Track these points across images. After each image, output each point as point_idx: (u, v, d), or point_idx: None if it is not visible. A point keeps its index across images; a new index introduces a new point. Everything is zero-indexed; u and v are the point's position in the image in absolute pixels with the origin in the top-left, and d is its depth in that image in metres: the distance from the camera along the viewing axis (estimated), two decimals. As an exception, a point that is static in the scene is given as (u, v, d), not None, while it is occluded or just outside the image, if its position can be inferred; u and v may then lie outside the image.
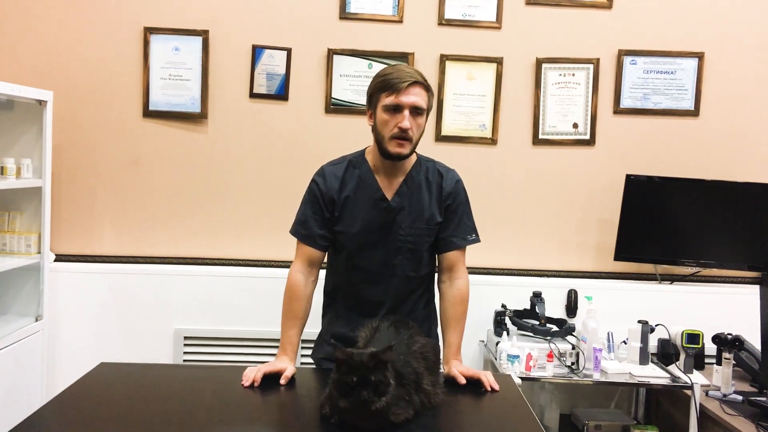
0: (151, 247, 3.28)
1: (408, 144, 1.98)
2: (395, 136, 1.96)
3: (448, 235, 2.12)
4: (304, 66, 3.25)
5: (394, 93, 1.94)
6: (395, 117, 1.95)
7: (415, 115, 1.97)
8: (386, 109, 1.96)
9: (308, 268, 2.10)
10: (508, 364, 2.75)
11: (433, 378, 1.75)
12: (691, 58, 3.29)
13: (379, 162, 2.07)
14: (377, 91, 1.99)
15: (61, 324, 3.19)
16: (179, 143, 3.25)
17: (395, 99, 1.94)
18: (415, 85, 1.96)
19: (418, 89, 1.97)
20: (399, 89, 1.94)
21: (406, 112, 1.95)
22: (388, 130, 1.97)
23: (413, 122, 1.96)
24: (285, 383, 1.88)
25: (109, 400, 1.73)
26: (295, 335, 2.05)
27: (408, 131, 1.95)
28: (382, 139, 1.99)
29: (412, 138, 1.98)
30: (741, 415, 2.55)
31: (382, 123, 1.98)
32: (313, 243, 2.09)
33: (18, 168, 2.89)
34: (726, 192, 3.21)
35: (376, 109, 2.00)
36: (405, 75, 1.97)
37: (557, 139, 3.32)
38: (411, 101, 1.95)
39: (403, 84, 1.94)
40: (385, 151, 2.00)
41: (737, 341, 2.76)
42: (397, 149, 1.98)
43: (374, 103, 2.01)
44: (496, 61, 3.27)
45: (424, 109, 1.99)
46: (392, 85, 1.95)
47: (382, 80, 1.98)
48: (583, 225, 3.36)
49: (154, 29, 3.19)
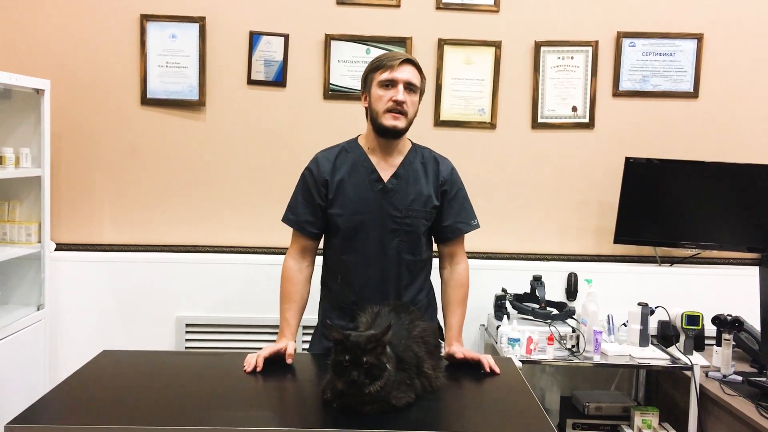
0: (152, 234, 3.28)
1: (403, 118, 2.02)
2: (390, 109, 2.00)
3: (452, 222, 2.15)
4: (302, 52, 3.24)
5: (388, 69, 2.01)
6: (389, 91, 2.01)
7: (409, 92, 2.02)
8: (381, 84, 2.02)
9: (301, 254, 2.14)
10: (508, 348, 2.76)
11: (434, 362, 1.76)
12: (690, 40, 3.28)
13: (373, 143, 2.10)
14: (371, 71, 2.06)
15: (63, 313, 3.20)
16: (178, 131, 3.25)
17: (390, 74, 2.00)
18: (407, 63, 2.04)
19: (411, 68, 2.04)
20: (393, 66, 2.01)
21: (400, 86, 2.00)
22: (383, 104, 2.01)
23: (407, 97, 2.01)
24: (291, 362, 1.90)
25: (112, 388, 1.74)
26: (293, 317, 2.08)
27: (403, 104, 2.00)
28: (377, 115, 2.03)
29: (407, 112, 2.02)
30: (741, 395, 2.57)
31: (377, 99, 2.02)
32: (302, 229, 2.12)
33: (17, 157, 2.89)
34: (725, 173, 3.21)
35: (371, 88, 2.05)
36: (398, 54, 2.06)
37: (556, 122, 3.31)
38: (405, 77, 2.01)
39: (396, 61, 2.01)
40: (381, 126, 2.03)
41: (737, 322, 2.77)
42: (393, 122, 2.01)
43: (369, 83, 2.07)
44: (494, 45, 3.26)
45: (417, 86, 2.05)
46: (386, 63, 2.02)
47: (377, 61, 2.06)
48: (582, 208, 3.36)
49: (151, 16, 3.17)
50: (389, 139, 2.06)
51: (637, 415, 2.95)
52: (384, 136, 2.05)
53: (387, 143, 2.08)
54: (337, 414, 1.56)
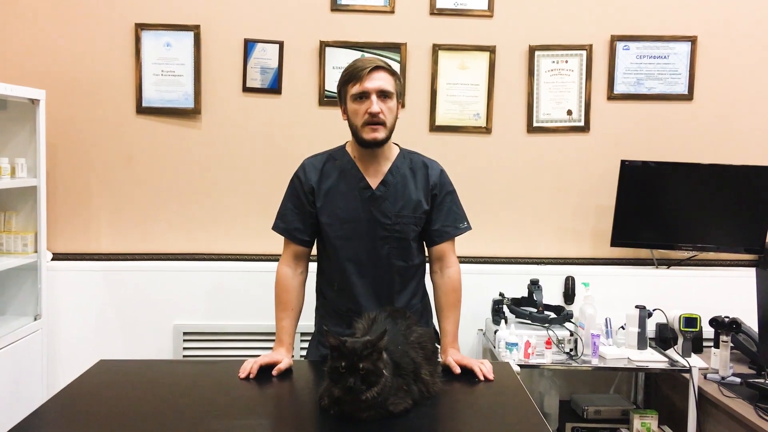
0: (148, 243, 3.28)
1: (382, 128, 2.00)
2: (367, 122, 1.98)
3: (440, 226, 2.14)
4: (297, 59, 3.24)
5: (358, 81, 1.97)
6: (363, 104, 1.98)
7: (384, 99, 1.99)
8: (354, 98, 1.99)
9: (294, 261, 2.14)
10: (506, 352, 2.76)
11: (431, 367, 1.76)
12: (684, 42, 3.29)
13: (359, 153, 2.09)
14: (343, 85, 2.03)
15: (60, 322, 3.19)
16: (173, 139, 3.25)
17: (360, 86, 1.97)
18: (377, 69, 1.99)
19: (382, 73, 2.00)
20: (362, 77, 1.97)
21: (373, 97, 1.97)
22: (359, 118, 1.99)
23: (383, 105, 1.98)
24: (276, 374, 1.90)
25: (110, 397, 1.74)
26: (289, 325, 2.08)
27: (378, 115, 1.97)
28: (356, 129, 2.02)
29: (384, 122, 2.00)
30: (739, 397, 2.56)
31: (353, 113, 2.01)
32: (292, 237, 2.13)
33: (12, 167, 2.89)
34: (721, 175, 3.22)
35: (346, 102, 2.03)
36: (366, 62, 2.00)
37: (551, 126, 3.32)
38: (376, 86, 1.97)
39: (364, 71, 1.97)
40: (361, 139, 2.02)
41: (735, 324, 2.76)
42: (372, 134, 1.99)
43: (343, 97, 2.05)
44: (488, 50, 3.26)
45: (391, 92, 2.01)
46: (355, 74, 1.98)
47: (346, 73, 2.02)
48: (579, 212, 3.36)
49: (145, 25, 3.18)
50: (373, 148, 2.05)
51: (636, 418, 2.95)
52: (367, 147, 2.04)
53: (372, 152, 2.07)
54: (334, 421, 1.56)
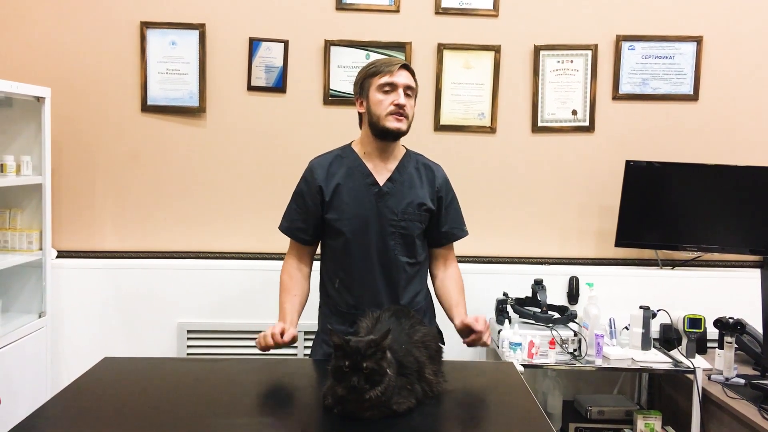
0: (153, 241, 3.28)
1: (405, 120, 2.07)
2: (392, 112, 2.04)
3: (449, 228, 2.23)
4: (302, 58, 3.24)
5: (387, 74, 2.05)
6: (390, 95, 2.05)
7: (408, 96, 2.08)
8: (380, 89, 2.06)
9: (298, 259, 2.21)
10: (510, 352, 2.76)
11: (435, 367, 1.75)
12: (690, 42, 3.28)
13: (369, 148, 2.14)
14: (369, 77, 2.10)
15: (65, 320, 3.20)
16: (178, 137, 3.25)
17: (390, 78, 2.05)
18: (405, 68, 2.09)
19: (408, 73, 2.10)
20: (392, 71, 2.06)
21: (401, 90, 2.05)
22: (384, 107, 2.05)
23: (407, 101, 2.07)
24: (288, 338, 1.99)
25: (114, 395, 1.74)
26: (291, 308, 2.13)
27: (404, 107, 2.05)
28: (378, 118, 2.06)
29: (408, 115, 2.08)
30: (743, 398, 2.56)
31: (377, 103, 2.06)
32: (294, 236, 2.19)
33: (18, 165, 2.89)
34: (726, 176, 3.21)
35: (369, 93, 2.09)
36: (394, 60, 2.12)
37: (556, 126, 3.31)
38: (404, 81, 2.07)
39: (395, 66, 2.07)
40: (383, 128, 2.06)
41: (739, 325, 2.76)
42: (396, 124, 2.05)
43: (366, 88, 2.10)
44: (493, 50, 3.26)
45: (415, 90, 2.11)
46: (384, 68, 2.07)
47: (373, 67, 2.10)
48: (583, 212, 3.36)
49: (151, 24, 3.18)
50: (390, 141, 2.10)
51: (639, 418, 2.94)
52: (385, 138, 2.08)
53: (384, 147, 2.12)
54: (337, 420, 1.55)
